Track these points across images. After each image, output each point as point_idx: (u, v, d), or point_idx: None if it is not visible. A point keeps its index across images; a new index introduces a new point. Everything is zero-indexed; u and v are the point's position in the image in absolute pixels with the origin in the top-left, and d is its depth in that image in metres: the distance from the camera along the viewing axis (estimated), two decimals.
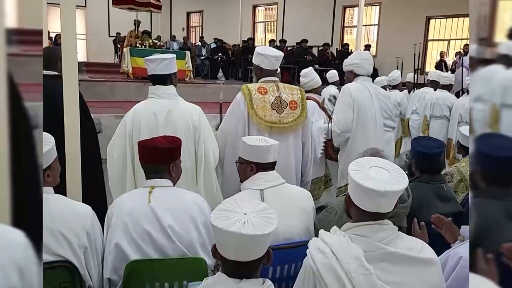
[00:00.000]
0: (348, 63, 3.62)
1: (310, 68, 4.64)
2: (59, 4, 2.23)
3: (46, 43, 7.37)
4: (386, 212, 1.46)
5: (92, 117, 3.04)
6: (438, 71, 6.70)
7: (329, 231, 1.51)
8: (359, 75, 3.55)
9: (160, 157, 1.98)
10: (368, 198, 1.42)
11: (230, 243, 1.24)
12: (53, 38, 12.40)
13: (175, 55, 2.73)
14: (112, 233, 1.87)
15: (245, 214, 1.27)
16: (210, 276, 1.35)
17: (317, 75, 4.48)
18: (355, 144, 3.44)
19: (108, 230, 1.91)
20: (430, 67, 12.03)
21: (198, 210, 1.96)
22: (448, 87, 5.87)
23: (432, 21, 12.70)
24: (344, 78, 3.85)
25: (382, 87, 6.58)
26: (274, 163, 2.21)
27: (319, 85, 4.38)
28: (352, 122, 3.44)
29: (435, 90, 6.03)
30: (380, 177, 1.43)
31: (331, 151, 3.74)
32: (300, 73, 4.64)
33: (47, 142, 1.81)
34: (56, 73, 2.68)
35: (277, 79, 2.89)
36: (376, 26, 13.91)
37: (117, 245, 1.84)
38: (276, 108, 2.78)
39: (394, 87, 6.64)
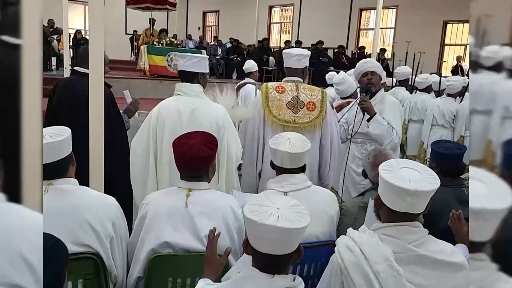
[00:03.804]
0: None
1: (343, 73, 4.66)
2: (77, 0, 2.28)
3: (66, 39, 7.50)
4: (416, 214, 1.47)
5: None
6: (406, 67, 6.28)
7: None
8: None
9: (199, 164, 1.93)
10: (399, 198, 1.43)
11: (264, 236, 1.25)
12: (72, 35, 12.54)
13: (207, 56, 2.81)
14: (147, 233, 1.87)
15: (278, 208, 1.28)
16: (242, 271, 1.36)
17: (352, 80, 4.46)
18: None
19: (141, 226, 1.91)
20: (446, 71, 11.92)
21: (233, 217, 1.94)
22: (427, 90, 5.56)
23: (449, 26, 12.60)
24: (371, 83, 3.27)
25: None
26: (304, 166, 2.18)
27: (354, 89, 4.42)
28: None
29: (411, 92, 5.79)
30: (412, 178, 1.43)
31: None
32: (334, 80, 4.69)
33: (63, 130, 1.84)
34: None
35: (299, 79, 2.92)
36: (393, 29, 13.83)
37: (153, 250, 1.84)
38: (292, 108, 2.81)
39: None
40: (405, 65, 8.33)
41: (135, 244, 1.92)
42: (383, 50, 12.08)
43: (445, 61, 12.58)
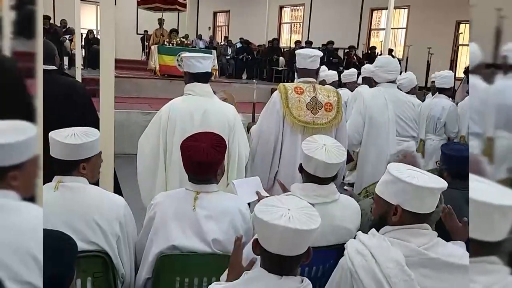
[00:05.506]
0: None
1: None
2: (90, 1, 2.30)
3: (78, 39, 7.57)
4: (426, 214, 1.47)
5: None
6: (370, 66, 5.86)
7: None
8: (379, 82, 3.57)
9: (207, 169, 1.90)
10: (414, 197, 1.43)
11: (274, 236, 1.24)
12: (84, 35, 12.64)
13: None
14: (155, 235, 1.87)
15: (288, 209, 1.27)
16: (251, 271, 1.36)
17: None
18: (366, 152, 3.47)
19: (149, 227, 1.91)
20: (459, 72, 11.80)
21: (241, 219, 1.93)
22: (404, 88, 4.92)
23: (462, 26, 12.46)
24: None
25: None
26: (335, 176, 2.02)
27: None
28: (362, 130, 3.45)
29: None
30: (423, 178, 1.45)
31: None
32: None
33: (91, 135, 1.86)
34: (54, 67, 2.68)
35: (314, 80, 2.92)
36: (404, 30, 13.73)
37: (161, 253, 1.84)
38: (311, 109, 2.82)
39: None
40: (406, 66, 8.19)
41: (144, 244, 1.93)
42: (390, 51, 11.98)
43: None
